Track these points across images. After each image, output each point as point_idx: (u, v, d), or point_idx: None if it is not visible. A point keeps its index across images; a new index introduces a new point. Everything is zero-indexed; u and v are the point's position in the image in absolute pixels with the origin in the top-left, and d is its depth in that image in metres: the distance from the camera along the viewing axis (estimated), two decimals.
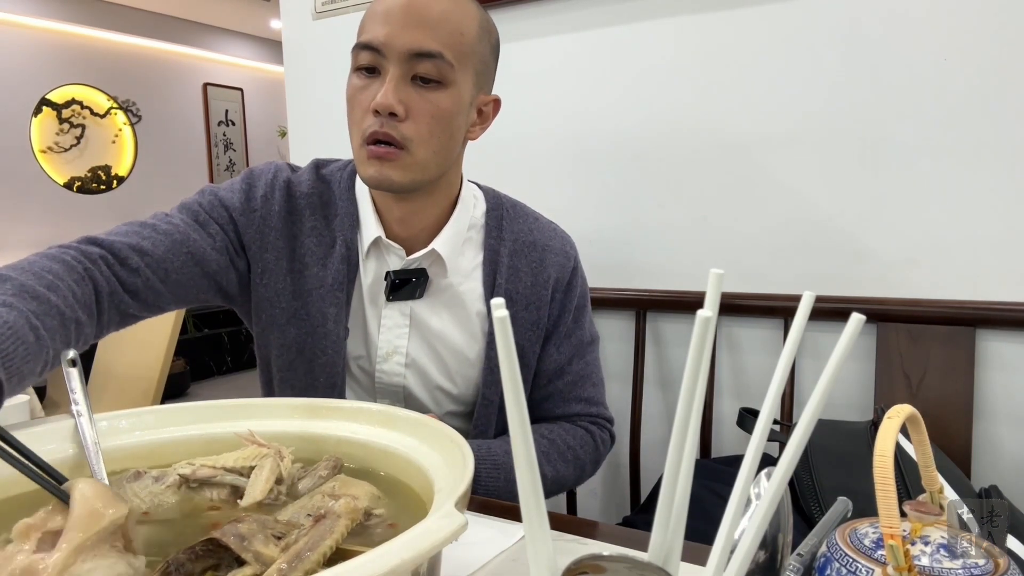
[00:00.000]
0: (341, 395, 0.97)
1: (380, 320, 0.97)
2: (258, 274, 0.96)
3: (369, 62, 0.86)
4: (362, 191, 0.98)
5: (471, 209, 1.01)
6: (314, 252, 0.96)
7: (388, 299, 0.96)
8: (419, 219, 0.96)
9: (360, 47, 0.87)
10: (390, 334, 0.97)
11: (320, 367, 0.96)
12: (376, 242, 0.96)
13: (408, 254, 0.96)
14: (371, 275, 0.97)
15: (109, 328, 0.84)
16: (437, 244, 0.95)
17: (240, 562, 0.44)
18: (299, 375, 0.97)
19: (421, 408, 0.98)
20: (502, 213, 1.02)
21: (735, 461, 0.76)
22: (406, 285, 0.95)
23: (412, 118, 0.86)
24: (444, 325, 0.98)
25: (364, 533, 0.51)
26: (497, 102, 0.98)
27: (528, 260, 1.00)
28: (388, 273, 0.95)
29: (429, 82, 0.86)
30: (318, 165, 1.03)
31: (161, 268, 0.87)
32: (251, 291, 0.98)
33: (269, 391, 1.03)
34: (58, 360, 0.68)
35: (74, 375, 0.64)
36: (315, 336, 0.95)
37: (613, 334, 1.41)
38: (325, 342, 0.95)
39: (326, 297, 0.95)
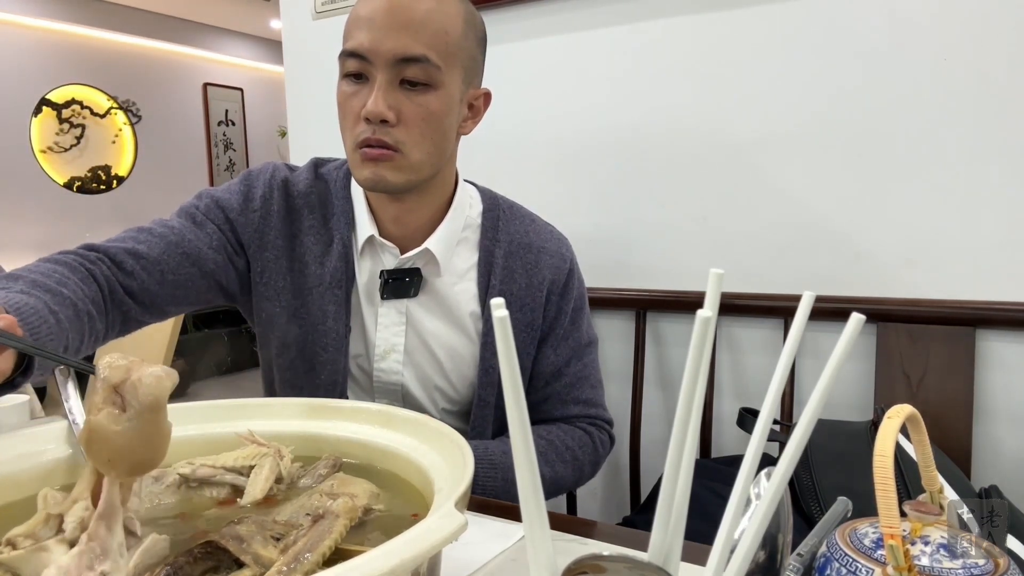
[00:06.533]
0: (343, 394, 0.97)
1: (377, 318, 0.97)
2: (258, 272, 0.97)
3: (356, 69, 0.86)
4: (357, 190, 0.99)
5: (467, 209, 1.01)
6: (312, 250, 0.96)
7: (382, 297, 0.96)
8: (413, 218, 0.96)
9: (346, 54, 0.87)
10: (387, 332, 0.97)
11: (321, 365, 0.96)
12: (370, 241, 0.96)
13: (402, 253, 0.96)
14: (366, 273, 0.97)
15: (113, 329, 0.85)
16: (430, 243, 0.95)
17: (239, 564, 0.44)
18: (300, 374, 0.97)
19: (419, 407, 0.98)
20: (499, 214, 1.02)
21: (735, 461, 0.76)
22: (400, 284, 0.95)
23: (403, 123, 0.86)
24: (439, 325, 0.98)
25: (364, 529, 0.51)
26: (487, 95, 0.97)
27: (523, 262, 1.00)
28: (382, 272, 0.95)
29: (417, 85, 0.86)
30: (316, 164, 1.03)
31: (157, 270, 0.88)
32: (252, 290, 0.98)
33: (271, 392, 1.03)
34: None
35: (67, 382, 0.65)
36: (316, 334, 0.96)
37: (613, 334, 1.41)
38: (326, 339, 0.95)
39: (325, 295, 0.95)
